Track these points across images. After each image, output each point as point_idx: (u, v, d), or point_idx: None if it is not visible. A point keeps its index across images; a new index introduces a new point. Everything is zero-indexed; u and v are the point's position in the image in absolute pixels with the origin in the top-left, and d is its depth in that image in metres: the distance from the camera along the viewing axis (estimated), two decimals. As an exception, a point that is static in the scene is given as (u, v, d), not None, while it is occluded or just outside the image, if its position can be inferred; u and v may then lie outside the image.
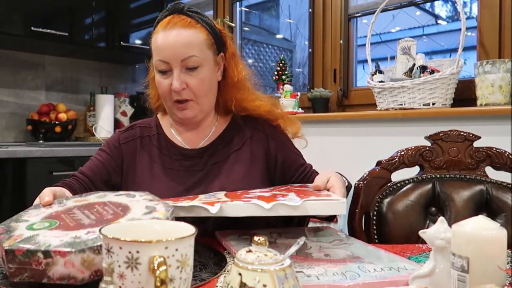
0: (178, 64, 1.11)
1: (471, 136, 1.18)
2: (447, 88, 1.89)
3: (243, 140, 1.20)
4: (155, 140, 1.22)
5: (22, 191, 2.22)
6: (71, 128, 2.87)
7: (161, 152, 1.20)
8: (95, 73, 3.16)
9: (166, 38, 1.11)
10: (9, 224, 0.77)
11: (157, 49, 1.12)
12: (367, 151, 2.09)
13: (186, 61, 1.11)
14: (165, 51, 1.11)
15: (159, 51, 1.12)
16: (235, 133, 1.22)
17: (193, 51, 1.11)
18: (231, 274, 0.55)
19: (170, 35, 1.11)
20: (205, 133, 1.22)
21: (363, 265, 0.76)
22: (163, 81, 1.13)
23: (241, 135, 1.21)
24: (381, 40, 2.53)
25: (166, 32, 1.11)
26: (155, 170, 1.17)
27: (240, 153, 1.18)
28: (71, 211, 0.81)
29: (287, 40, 3.70)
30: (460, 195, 1.15)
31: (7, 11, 2.44)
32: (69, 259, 0.65)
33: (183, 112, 1.15)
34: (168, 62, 1.11)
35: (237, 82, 1.21)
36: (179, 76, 1.11)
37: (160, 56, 1.12)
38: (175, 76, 1.11)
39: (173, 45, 1.10)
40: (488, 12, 1.93)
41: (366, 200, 1.18)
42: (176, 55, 1.10)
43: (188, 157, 1.19)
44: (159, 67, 1.13)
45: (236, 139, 1.21)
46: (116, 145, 1.21)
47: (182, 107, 1.15)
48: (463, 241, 0.58)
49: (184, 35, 1.11)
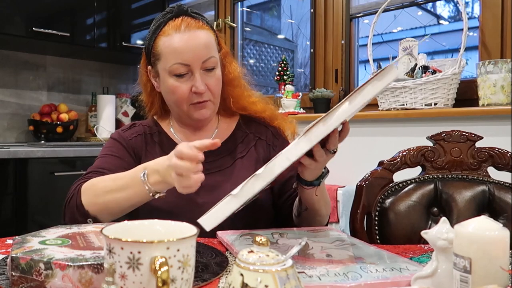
0: (199, 66, 1.10)
1: (473, 136, 1.17)
2: (449, 88, 1.88)
3: (247, 147, 1.20)
4: (157, 137, 1.21)
5: (24, 192, 2.22)
6: (73, 128, 2.87)
7: (163, 151, 1.18)
8: (96, 73, 3.17)
9: (186, 40, 1.08)
10: (26, 237, 0.78)
11: (175, 52, 1.09)
12: (369, 151, 2.09)
13: (206, 63, 1.10)
14: (187, 54, 1.08)
15: (178, 54, 1.09)
16: (239, 140, 1.22)
17: (212, 52, 1.12)
18: (232, 275, 0.54)
19: (189, 37, 1.09)
20: (207, 136, 1.22)
21: (365, 266, 0.76)
22: (181, 85, 1.11)
23: (246, 142, 1.21)
24: (382, 40, 2.52)
25: (183, 34, 1.09)
26: None
27: (245, 160, 1.18)
28: (87, 234, 0.81)
29: (288, 40, 3.70)
30: (462, 196, 1.15)
31: (9, 12, 2.44)
32: (67, 273, 0.65)
33: (200, 112, 1.14)
34: (189, 64, 1.09)
35: (232, 80, 1.23)
36: (202, 77, 1.11)
37: (180, 59, 1.09)
38: (197, 78, 1.10)
39: (195, 47, 1.09)
40: (490, 12, 1.93)
41: (368, 200, 1.18)
42: (198, 56, 1.09)
43: None
44: (177, 71, 1.10)
45: (240, 147, 1.21)
46: (126, 140, 1.19)
47: (201, 107, 1.14)
48: (466, 242, 0.58)
49: (202, 36, 1.10)
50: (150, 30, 1.16)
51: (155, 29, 1.13)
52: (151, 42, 1.14)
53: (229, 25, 2.98)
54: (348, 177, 2.02)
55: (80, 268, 0.65)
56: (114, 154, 1.16)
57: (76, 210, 1.00)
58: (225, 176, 1.15)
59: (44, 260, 0.66)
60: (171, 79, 1.11)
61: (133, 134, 1.20)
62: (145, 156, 1.18)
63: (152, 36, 1.14)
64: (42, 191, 2.27)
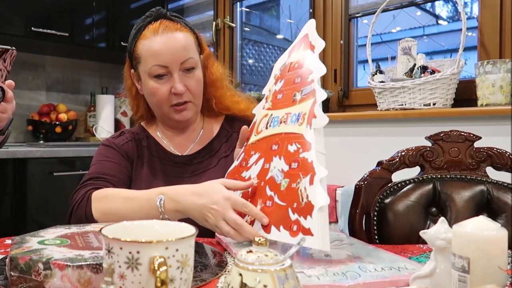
0: (178, 67, 1.12)
1: (471, 136, 1.17)
2: (448, 88, 1.89)
3: (231, 147, 1.21)
4: (145, 142, 1.23)
5: (23, 192, 2.22)
6: (72, 128, 2.87)
7: (151, 154, 1.21)
8: (95, 73, 3.16)
9: (164, 42, 1.10)
10: (25, 237, 0.78)
11: (153, 54, 1.11)
12: (367, 151, 2.09)
13: (185, 63, 1.12)
14: (165, 55, 1.10)
15: (157, 56, 1.11)
16: (223, 140, 1.24)
17: (190, 53, 1.13)
18: (231, 275, 0.55)
19: (167, 39, 1.11)
20: (193, 137, 1.24)
21: (363, 265, 0.76)
22: (160, 86, 1.13)
23: (230, 142, 1.23)
24: (381, 40, 2.52)
25: (161, 36, 1.11)
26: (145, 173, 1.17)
27: (228, 159, 1.18)
28: (86, 234, 0.81)
29: (287, 40, 3.69)
30: (460, 196, 1.15)
31: (7, 12, 2.44)
32: (66, 273, 0.65)
33: (181, 114, 1.16)
34: (168, 66, 1.11)
35: (214, 81, 1.24)
36: (181, 78, 1.12)
37: (159, 61, 1.11)
38: (176, 79, 1.11)
39: (173, 48, 1.11)
40: (488, 12, 1.93)
41: (367, 200, 1.18)
42: (176, 58, 1.11)
43: (176, 163, 1.20)
44: (156, 72, 1.12)
45: (224, 146, 1.23)
46: (119, 146, 1.20)
47: (181, 109, 1.15)
48: (464, 242, 0.58)
49: (181, 38, 1.12)
50: (131, 34, 1.18)
51: (136, 33, 1.16)
52: (132, 46, 1.16)
53: (228, 25, 2.98)
54: (347, 177, 2.02)
55: (79, 268, 0.65)
56: (110, 159, 1.16)
57: (85, 219, 1.00)
58: (211, 176, 1.14)
59: (43, 260, 0.66)
60: (151, 81, 1.13)
61: (124, 140, 1.22)
62: (136, 160, 1.19)
63: (133, 40, 1.16)
64: (41, 191, 2.27)
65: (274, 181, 0.88)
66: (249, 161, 0.99)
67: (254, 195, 0.92)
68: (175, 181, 1.15)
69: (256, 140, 1.01)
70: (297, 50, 1.02)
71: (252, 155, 0.99)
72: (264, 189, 0.90)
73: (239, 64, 3.06)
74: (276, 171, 0.89)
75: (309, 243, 0.76)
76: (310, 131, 0.86)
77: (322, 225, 0.76)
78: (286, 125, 0.92)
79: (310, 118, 0.87)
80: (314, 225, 0.77)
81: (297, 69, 0.98)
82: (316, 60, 0.94)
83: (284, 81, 1.01)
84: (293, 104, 0.94)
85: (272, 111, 1.00)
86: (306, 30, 1.03)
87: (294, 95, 0.95)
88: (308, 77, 0.93)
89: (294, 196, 0.82)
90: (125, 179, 1.15)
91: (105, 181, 1.09)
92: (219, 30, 3.02)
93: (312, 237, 0.76)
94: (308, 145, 0.85)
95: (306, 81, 0.93)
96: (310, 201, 0.79)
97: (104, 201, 1.00)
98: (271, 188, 0.88)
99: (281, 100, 0.99)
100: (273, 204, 0.86)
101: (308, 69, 0.95)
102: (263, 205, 0.88)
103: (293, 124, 0.90)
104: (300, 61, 0.98)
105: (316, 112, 0.87)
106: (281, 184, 0.86)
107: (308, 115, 0.88)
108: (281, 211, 0.83)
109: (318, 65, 0.93)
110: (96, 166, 1.15)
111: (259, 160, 0.96)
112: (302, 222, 0.79)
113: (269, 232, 0.84)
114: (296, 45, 1.04)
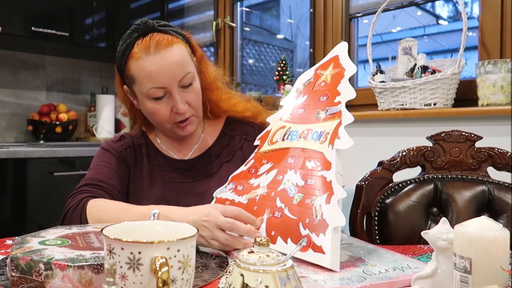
0: (176, 85, 1.06)
1: (472, 136, 1.17)
2: (449, 88, 1.89)
3: (233, 151, 1.19)
4: (144, 149, 1.20)
5: (23, 192, 2.22)
6: (72, 128, 2.87)
7: (150, 162, 1.18)
8: (95, 73, 3.16)
9: (159, 63, 1.04)
10: (25, 238, 0.78)
11: (149, 76, 1.04)
12: (368, 151, 2.09)
13: (183, 80, 1.07)
14: (162, 76, 1.04)
15: (153, 78, 1.04)
16: (225, 143, 1.21)
17: (187, 68, 1.08)
18: (233, 275, 0.54)
19: (161, 58, 1.04)
20: (193, 142, 1.22)
21: (367, 269, 0.76)
22: (161, 107, 1.08)
23: (231, 146, 1.20)
24: (382, 40, 2.52)
25: (154, 56, 1.04)
26: (144, 182, 1.16)
27: (230, 165, 1.16)
28: (87, 234, 0.81)
29: (288, 40, 3.69)
30: (462, 196, 1.15)
31: (7, 12, 2.44)
32: (67, 274, 0.65)
33: (186, 129, 1.13)
34: (166, 86, 1.05)
35: (209, 84, 1.19)
36: (181, 96, 1.08)
37: (155, 83, 1.05)
38: (177, 99, 1.07)
39: (169, 68, 1.04)
40: (489, 12, 1.93)
41: (368, 200, 1.18)
42: (174, 77, 1.05)
43: (177, 168, 1.18)
44: (155, 95, 1.06)
45: (225, 150, 1.20)
46: (117, 151, 1.18)
47: (185, 125, 1.12)
48: (466, 242, 0.58)
49: (175, 54, 1.05)
50: (119, 50, 1.10)
51: (124, 50, 1.08)
52: (122, 65, 1.10)
53: (228, 25, 2.98)
54: (347, 177, 2.00)
55: (80, 269, 0.65)
56: (108, 165, 1.15)
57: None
58: (212, 182, 1.14)
59: (44, 261, 0.66)
60: (150, 102, 1.08)
61: (123, 145, 1.20)
62: (134, 167, 1.18)
63: (122, 59, 1.09)
64: (41, 191, 2.26)
65: (286, 193, 0.89)
66: (260, 169, 0.99)
67: (262, 204, 0.92)
68: (175, 187, 1.14)
69: (269, 149, 1.01)
70: (325, 69, 1.02)
71: (264, 164, 0.99)
72: (274, 200, 0.90)
73: (240, 64, 3.06)
74: (290, 184, 0.89)
75: (319, 261, 0.76)
76: (332, 151, 0.86)
77: (334, 245, 0.77)
78: (306, 141, 0.93)
79: (333, 138, 0.87)
80: (327, 244, 0.77)
81: (323, 88, 0.98)
82: (346, 84, 0.94)
83: (308, 97, 1.01)
84: (315, 121, 0.94)
85: (291, 124, 1.00)
86: (337, 52, 1.01)
87: (318, 112, 0.95)
88: (336, 98, 0.93)
89: (307, 212, 0.83)
90: (121, 187, 1.13)
91: (101, 189, 1.08)
92: (220, 30, 3.01)
93: (324, 255, 0.76)
94: (328, 164, 0.85)
95: (333, 102, 0.94)
96: (325, 219, 0.79)
97: (100, 210, 1.00)
98: (281, 199, 0.89)
99: (302, 115, 0.99)
100: (282, 216, 0.87)
101: (335, 90, 0.95)
102: (270, 215, 0.89)
103: (314, 141, 0.91)
104: (327, 81, 0.99)
105: (340, 133, 0.87)
106: (294, 197, 0.87)
107: (332, 135, 0.88)
108: (290, 224, 0.84)
109: (348, 88, 0.93)
110: (93, 172, 1.14)
111: (271, 170, 0.96)
112: (313, 239, 0.79)
113: (274, 243, 0.85)
114: (324, 64, 1.03)
